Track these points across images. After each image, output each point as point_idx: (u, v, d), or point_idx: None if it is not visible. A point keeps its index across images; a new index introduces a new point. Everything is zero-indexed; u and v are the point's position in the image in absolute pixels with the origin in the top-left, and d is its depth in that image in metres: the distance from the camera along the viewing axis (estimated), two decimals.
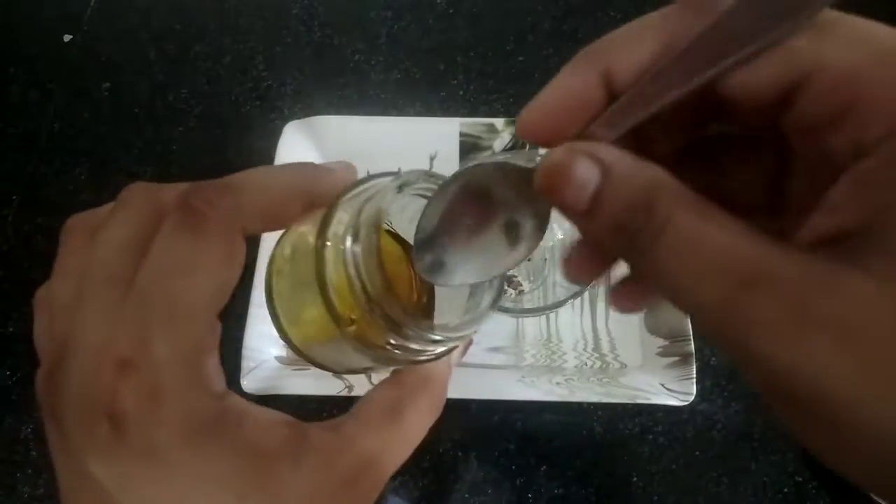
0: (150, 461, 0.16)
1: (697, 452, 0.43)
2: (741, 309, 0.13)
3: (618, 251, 0.15)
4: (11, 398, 0.44)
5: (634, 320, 0.46)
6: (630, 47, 0.16)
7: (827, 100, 0.13)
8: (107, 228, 0.18)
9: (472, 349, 0.45)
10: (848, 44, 0.13)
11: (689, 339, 0.42)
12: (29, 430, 0.43)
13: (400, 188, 0.18)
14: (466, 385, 0.42)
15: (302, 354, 0.21)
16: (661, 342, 0.44)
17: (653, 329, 0.45)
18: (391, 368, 0.21)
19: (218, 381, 0.18)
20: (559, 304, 0.41)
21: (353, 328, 0.18)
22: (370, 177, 0.20)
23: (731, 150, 0.18)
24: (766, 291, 0.12)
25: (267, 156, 0.50)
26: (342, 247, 0.17)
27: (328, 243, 0.17)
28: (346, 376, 0.42)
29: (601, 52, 0.16)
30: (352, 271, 0.17)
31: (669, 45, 0.15)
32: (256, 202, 0.18)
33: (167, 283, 0.17)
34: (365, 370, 0.21)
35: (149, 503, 0.16)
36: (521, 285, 0.46)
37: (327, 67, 0.58)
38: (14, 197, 0.51)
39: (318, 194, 0.19)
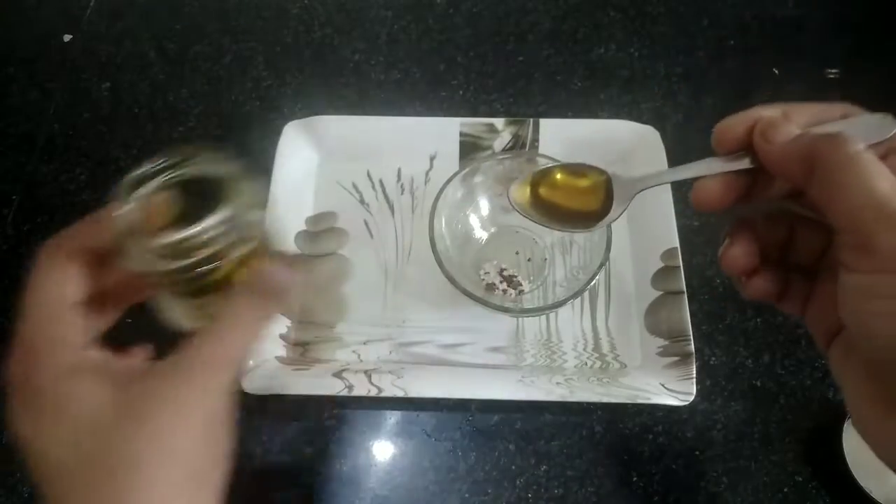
0: (40, 401, 0.24)
1: (697, 452, 0.43)
2: None
3: (796, 169, 0.22)
4: None
5: (634, 320, 0.46)
6: (802, 110, 0.25)
7: None
8: None
9: (471, 349, 0.45)
10: None
11: (689, 339, 0.42)
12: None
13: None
14: (466, 385, 0.42)
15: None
16: (660, 342, 0.44)
17: (653, 329, 0.45)
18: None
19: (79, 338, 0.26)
20: (559, 304, 0.41)
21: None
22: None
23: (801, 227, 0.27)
24: None
25: (267, 155, 0.50)
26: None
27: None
28: (345, 375, 0.42)
29: (781, 106, 0.25)
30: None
31: (822, 119, 0.25)
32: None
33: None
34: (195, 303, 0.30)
35: (47, 432, 0.24)
36: (521, 285, 0.46)
37: (327, 67, 0.58)
38: (14, 197, 0.51)
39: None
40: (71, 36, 0.59)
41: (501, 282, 0.46)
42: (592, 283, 0.41)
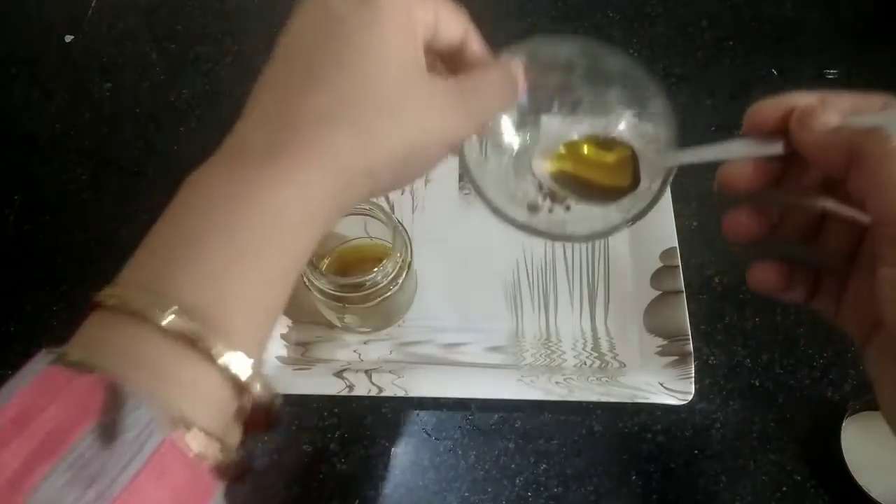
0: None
1: (696, 451, 0.43)
2: None
3: (835, 160, 0.22)
4: None
5: (634, 320, 0.46)
6: (840, 100, 0.24)
7: None
8: None
9: (471, 348, 0.45)
10: None
11: (688, 339, 0.43)
12: None
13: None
14: (466, 384, 0.43)
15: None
16: (659, 342, 0.44)
17: (652, 328, 0.45)
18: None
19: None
20: (611, 231, 0.32)
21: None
22: None
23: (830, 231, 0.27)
24: None
25: None
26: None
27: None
28: (346, 375, 0.42)
29: (819, 94, 0.24)
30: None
31: (860, 109, 0.24)
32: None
33: None
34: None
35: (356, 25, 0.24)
36: (565, 199, 0.37)
37: None
38: (15, 197, 0.52)
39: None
40: (72, 36, 0.60)
41: (544, 199, 0.38)
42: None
